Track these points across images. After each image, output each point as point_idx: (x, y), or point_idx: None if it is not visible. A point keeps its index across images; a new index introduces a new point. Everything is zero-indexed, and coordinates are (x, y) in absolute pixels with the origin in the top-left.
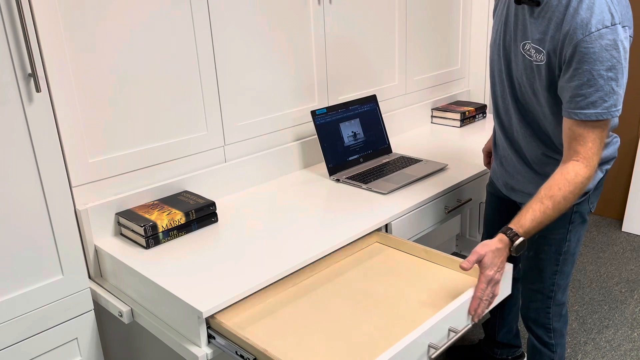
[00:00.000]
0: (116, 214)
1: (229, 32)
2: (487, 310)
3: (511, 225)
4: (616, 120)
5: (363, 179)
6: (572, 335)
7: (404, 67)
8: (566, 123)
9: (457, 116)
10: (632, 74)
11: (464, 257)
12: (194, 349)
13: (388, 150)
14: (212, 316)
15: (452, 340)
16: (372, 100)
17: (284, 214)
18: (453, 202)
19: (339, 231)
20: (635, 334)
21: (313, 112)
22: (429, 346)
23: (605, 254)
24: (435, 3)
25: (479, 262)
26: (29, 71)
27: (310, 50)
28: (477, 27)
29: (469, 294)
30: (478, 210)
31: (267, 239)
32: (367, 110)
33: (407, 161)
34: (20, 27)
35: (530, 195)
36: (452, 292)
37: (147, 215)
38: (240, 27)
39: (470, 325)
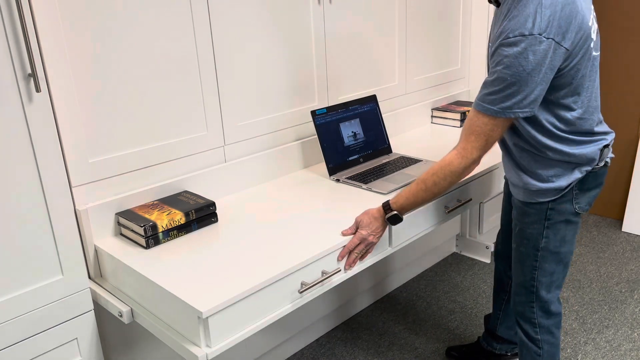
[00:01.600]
0: (116, 214)
1: (229, 33)
2: (357, 265)
3: (391, 199)
4: (586, 125)
5: (363, 179)
6: (572, 335)
7: (404, 67)
8: (470, 110)
9: (457, 116)
10: (631, 74)
11: (464, 257)
12: (194, 349)
13: (388, 150)
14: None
15: (323, 279)
16: (372, 100)
17: (284, 214)
18: (453, 202)
19: (339, 231)
20: (635, 334)
21: (313, 112)
22: (301, 283)
23: (605, 254)
24: (436, 3)
25: (359, 222)
26: (29, 71)
27: (310, 50)
28: (477, 27)
29: (337, 243)
30: (478, 210)
31: (267, 239)
32: (367, 110)
33: (407, 161)
34: (20, 27)
35: (515, 186)
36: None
37: (147, 215)
38: (240, 27)
39: (341, 271)
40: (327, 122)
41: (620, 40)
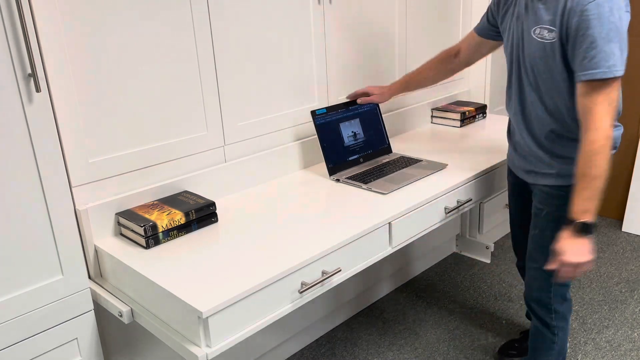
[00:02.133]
0: (116, 214)
1: (229, 33)
2: (358, 265)
3: (568, 215)
4: (619, 107)
5: (363, 179)
6: (572, 335)
7: (404, 67)
8: (577, 90)
9: (457, 116)
10: (631, 74)
11: (464, 257)
12: (194, 349)
13: (388, 150)
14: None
15: (324, 279)
16: None
17: (284, 214)
18: (453, 202)
19: (339, 231)
20: (635, 334)
21: (313, 112)
22: (301, 283)
23: (605, 254)
24: (435, 3)
25: (557, 252)
26: (29, 71)
27: (310, 50)
28: None
29: (337, 243)
30: (478, 210)
31: (267, 239)
32: (367, 110)
33: (407, 161)
34: (20, 27)
35: (543, 175)
36: None
37: (147, 215)
38: (240, 27)
39: (341, 271)
40: (327, 122)
41: None
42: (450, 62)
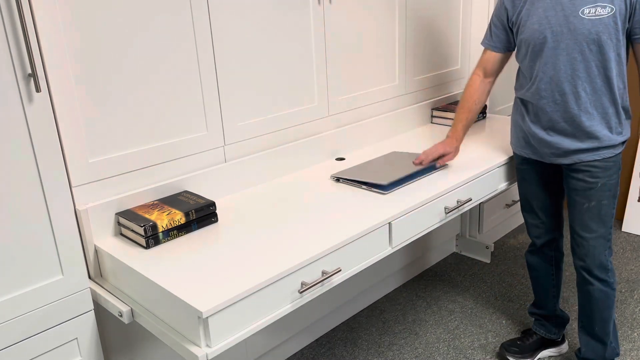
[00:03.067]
0: (116, 214)
1: (229, 32)
2: (358, 264)
3: None
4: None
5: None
6: (573, 335)
7: (404, 67)
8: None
9: None
10: (631, 74)
11: (464, 257)
12: (194, 349)
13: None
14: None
15: (323, 279)
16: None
17: (284, 214)
18: (453, 202)
19: (339, 231)
20: (635, 334)
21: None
22: (301, 283)
23: None
24: (436, 3)
25: None
26: (29, 71)
27: (310, 50)
28: (477, 27)
29: (337, 243)
30: (478, 210)
31: (267, 239)
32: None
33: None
34: (20, 27)
35: (590, 151)
36: None
37: (147, 215)
38: (240, 27)
39: (341, 271)
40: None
41: None
42: (485, 85)
